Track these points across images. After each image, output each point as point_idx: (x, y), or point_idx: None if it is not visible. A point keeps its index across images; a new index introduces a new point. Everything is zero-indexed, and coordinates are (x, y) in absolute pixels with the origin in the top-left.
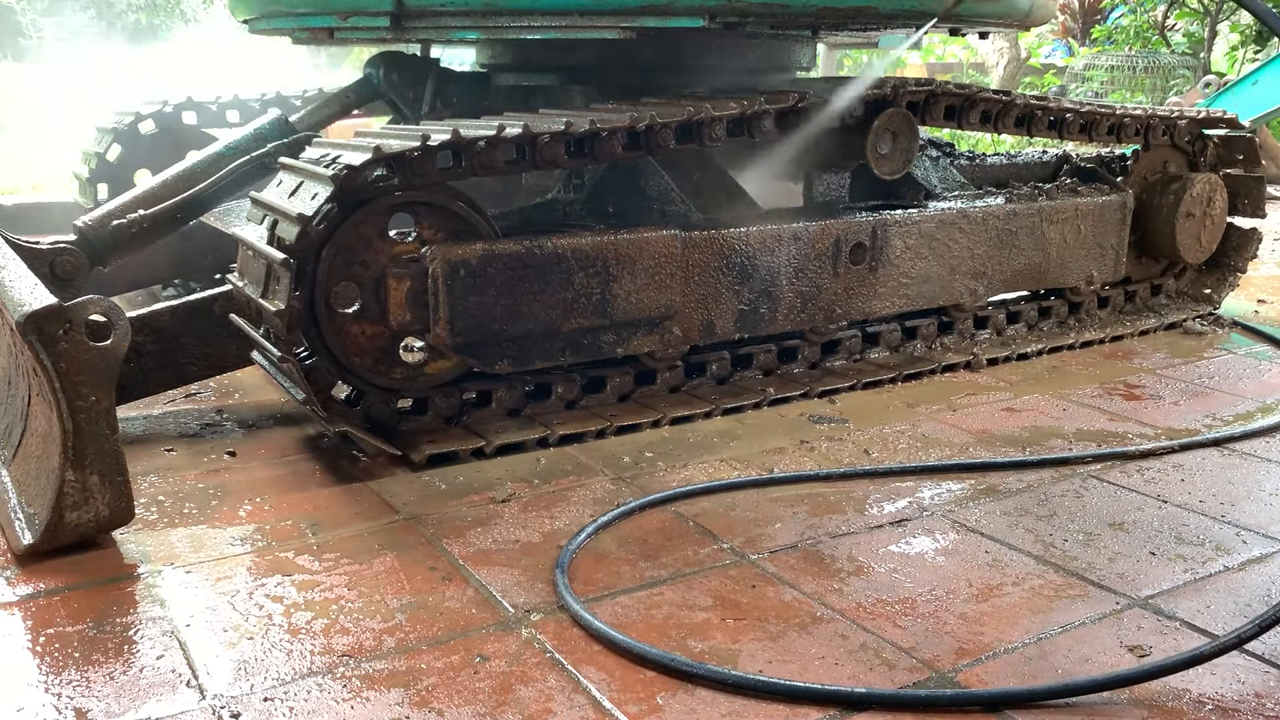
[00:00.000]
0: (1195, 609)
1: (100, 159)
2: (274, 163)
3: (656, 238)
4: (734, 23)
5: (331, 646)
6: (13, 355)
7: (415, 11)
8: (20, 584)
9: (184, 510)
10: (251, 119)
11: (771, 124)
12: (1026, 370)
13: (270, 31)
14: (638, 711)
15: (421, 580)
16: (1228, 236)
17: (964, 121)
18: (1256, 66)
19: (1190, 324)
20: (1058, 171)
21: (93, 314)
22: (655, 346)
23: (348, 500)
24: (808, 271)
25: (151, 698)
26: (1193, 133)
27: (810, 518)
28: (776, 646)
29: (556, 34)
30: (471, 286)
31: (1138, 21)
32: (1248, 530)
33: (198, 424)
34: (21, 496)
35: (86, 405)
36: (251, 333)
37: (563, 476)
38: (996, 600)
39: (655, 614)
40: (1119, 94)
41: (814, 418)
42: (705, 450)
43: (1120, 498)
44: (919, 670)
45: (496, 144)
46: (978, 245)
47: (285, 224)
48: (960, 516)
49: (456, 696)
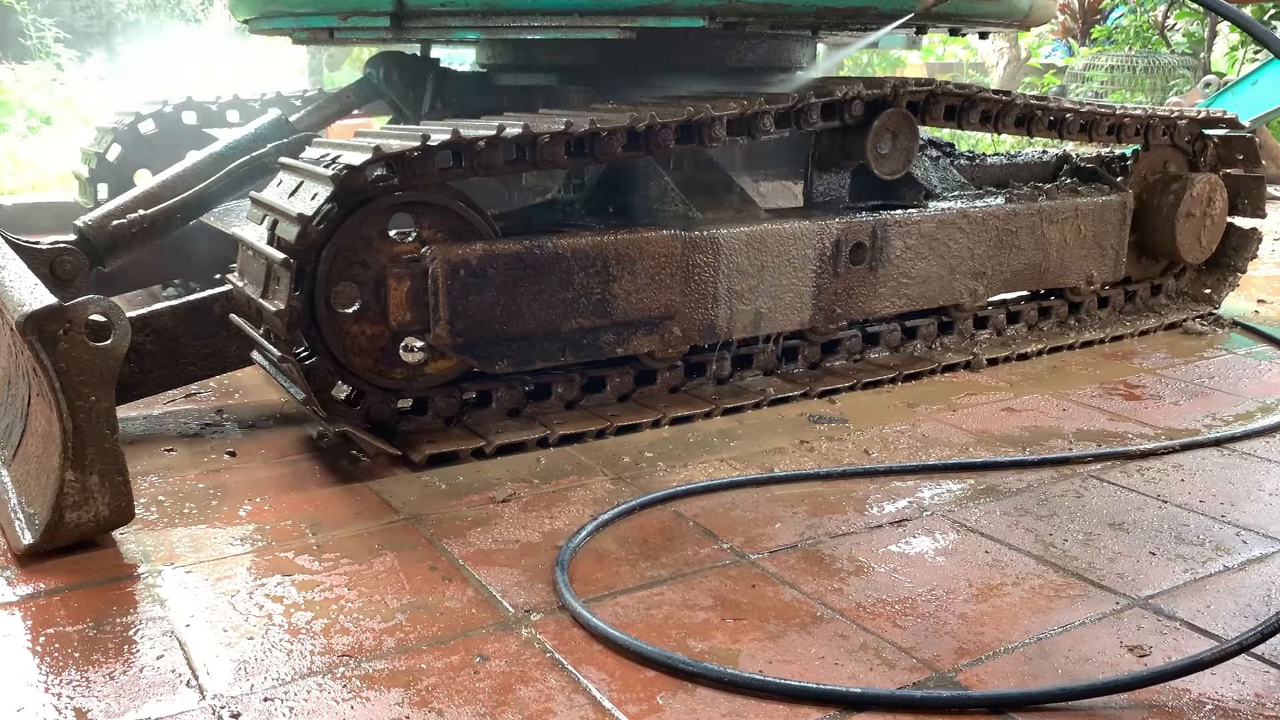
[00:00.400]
0: (1195, 609)
1: (100, 159)
2: (274, 163)
3: (656, 238)
4: (734, 23)
5: (331, 646)
6: (13, 355)
7: (415, 11)
8: (20, 584)
9: (184, 510)
10: (251, 119)
11: (771, 124)
12: (1026, 370)
13: (270, 31)
14: (637, 711)
15: (421, 580)
16: (1228, 236)
17: (964, 121)
18: (1256, 66)
19: (1190, 324)
20: (1058, 171)
21: (93, 314)
22: (655, 346)
23: (348, 500)
24: (807, 271)
25: (151, 698)
26: (1193, 133)
27: (810, 518)
28: (776, 646)
29: (556, 34)
30: (471, 286)
31: (1138, 21)
32: (1248, 530)
33: (198, 424)
34: (21, 496)
35: (86, 405)
36: (251, 333)
37: (563, 476)
38: (996, 600)
39: (655, 614)
40: (1119, 94)
41: (814, 418)
42: (705, 450)
43: (1120, 498)
44: (919, 670)
45: (496, 144)
46: (978, 245)
47: (285, 224)
48: (960, 516)
49: (456, 696)
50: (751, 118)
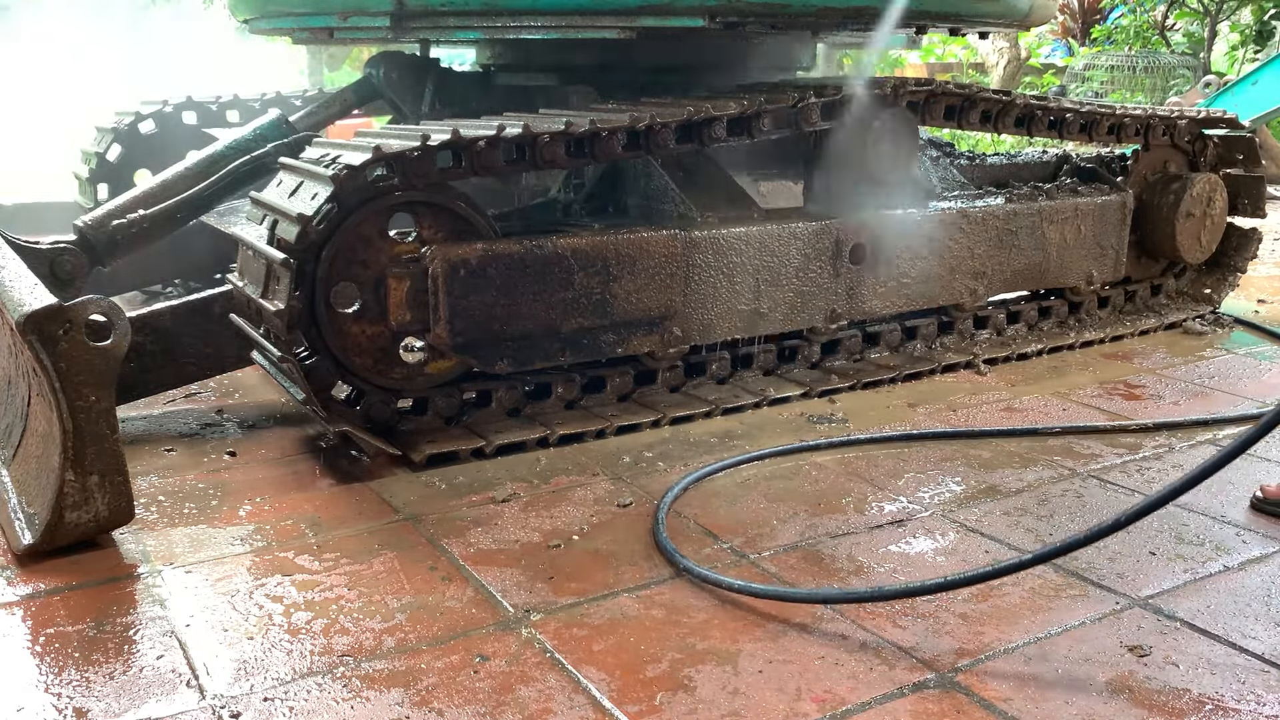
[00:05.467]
0: (1195, 609)
1: (100, 159)
2: (274, 163)
3: (656, 238)
4: (734, 23)
5: (331, 646)
6: (13, 355)
7: (415, 11)
8: (20, 584)
9: (184, 510)
10: (251, 119)
11: (770, 124)
12: (1026, 370)
13: (270, 31)
14: (637, 711)
15: (421, 580)
16: (1228, 236)
17: (964, 121)
18: (1256, 66)
19: (1190, 324)
20: (1058, 171)
21: (93, 314)
22: (655, 346)
23: (348, 500)
24: (808, 271)
25: (151, 698)
26: (1193, 133)
27: (810, 518)
28: (776, 646)
29: (556, 34)
30: (471, 286)
31: (1138, 21)
32: (1248, 530)
33: (198, 424)
34: (21, 496)
35: (86, 405)
36: (251, 333)
37: (563, 476)
38: (996, 600)
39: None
40: (1119, 94)
41: (814, 418)
42: (705, 450)
43: (1120, 498)
44: (919, 670)
45: (496, 144)
46: (978, 245)
47: (285, 224)
48: (960, 516)
49: (456, 696)
50: (751, 118)
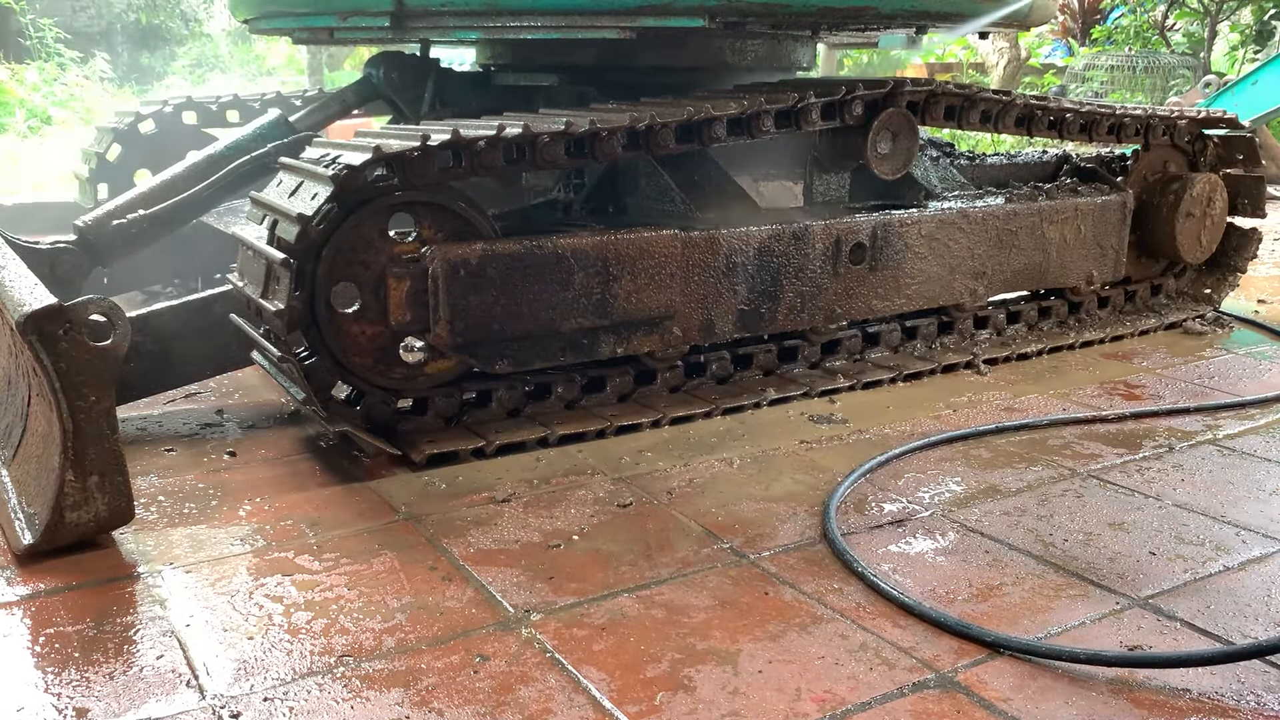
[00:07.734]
0: (1195, 609)
1: (100, 159)
2: (274, 163)
3: (656, 238)
4: (734, 23)
5: (331, 646)
6: (13, 355)
7: (415, 11)
8: (20, 584)
9: (184, 510)
10: (251, 119)
11: (771, 124)
12: (1026, 370)
13: (270, 31)
14: (637, 711)
15: (421, 580)
16: (1228, 236)
17: (964, 121)
18: (1256, 66)
19: (1190, 324)
20: (1058, 171)
21: (93, 314)
22: (655, 346)
23: (348, 500)
24: (808, 271)
25: (151, 698)
26: (1193, 133)
27: (810, 517)
28: (777, 646)
29: (556, 34)
30: (471, 286)
31: (1138, 21)
32: (1248, 530)
33: (198, 424)
34: (21, 496)
35: (86, 405)
36: (251, 333)
37: (562, 476)
38: (996, 600)
39: (652, 616)
40: (1119, 94)
41: (814, 418)
42: (705, 450)
43: (1120, 498)
44: (919, 670)
45: (496, 144)
46: (978, 245)
47: (285, 224)
48: (960, 516)
49: (456, 696)
50: (751, 117)
